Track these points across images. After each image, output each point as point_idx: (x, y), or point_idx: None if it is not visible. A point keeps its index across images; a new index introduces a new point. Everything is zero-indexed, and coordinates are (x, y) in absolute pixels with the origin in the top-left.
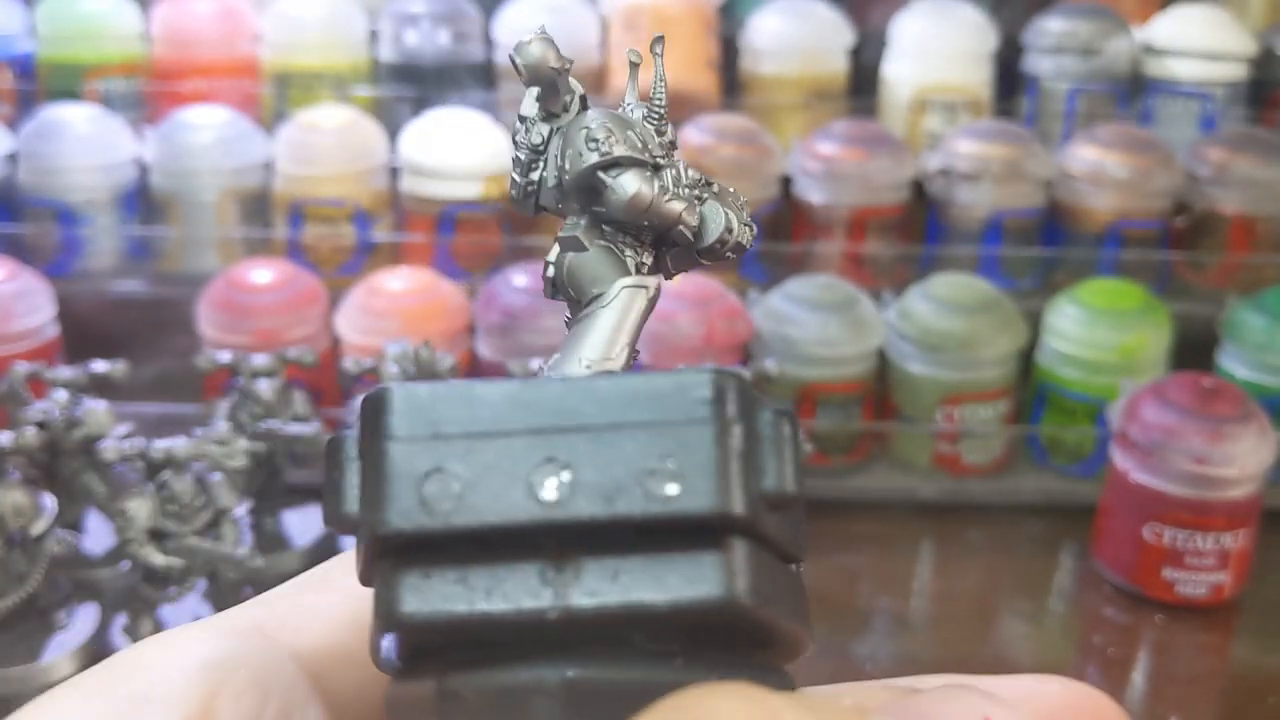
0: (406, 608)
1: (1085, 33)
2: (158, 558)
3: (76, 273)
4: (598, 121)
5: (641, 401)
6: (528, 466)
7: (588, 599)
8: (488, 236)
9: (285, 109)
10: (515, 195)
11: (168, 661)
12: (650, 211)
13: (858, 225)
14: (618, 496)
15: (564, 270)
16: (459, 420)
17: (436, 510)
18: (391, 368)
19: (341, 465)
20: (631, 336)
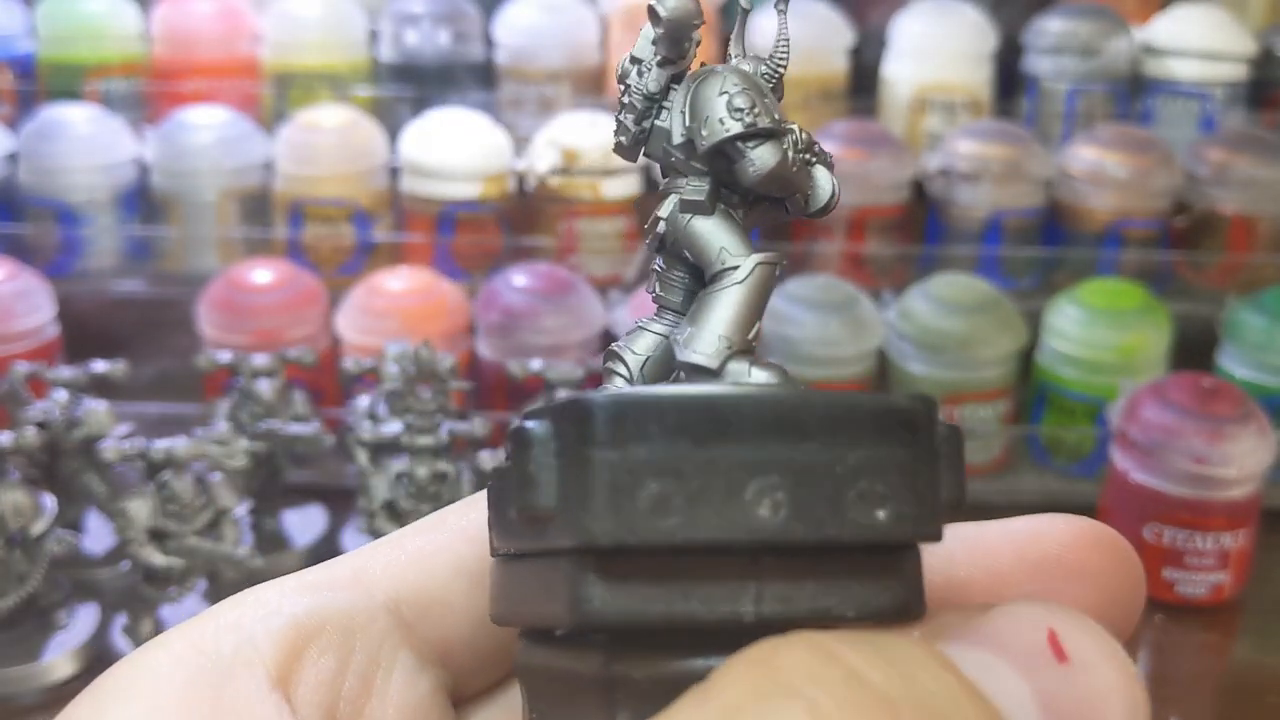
0: (603, 606)
1: (1085, 33)
2: (158, 558)
3: (77, 273)
4: (738, 87)
5: (850, 422)
6: (743, 483)
7: (780, 605)
8: (488, 236)
9: (285, 109)
10: (625, 141)
11: (254, 621)
12: (780, 183)
13: (858, 225)
14: (829, 517)
15: (681, 230)
16: (666, 431)
17: (657, 524)
18: (391, 368)
19: (537, 459)
20: (762, 313)
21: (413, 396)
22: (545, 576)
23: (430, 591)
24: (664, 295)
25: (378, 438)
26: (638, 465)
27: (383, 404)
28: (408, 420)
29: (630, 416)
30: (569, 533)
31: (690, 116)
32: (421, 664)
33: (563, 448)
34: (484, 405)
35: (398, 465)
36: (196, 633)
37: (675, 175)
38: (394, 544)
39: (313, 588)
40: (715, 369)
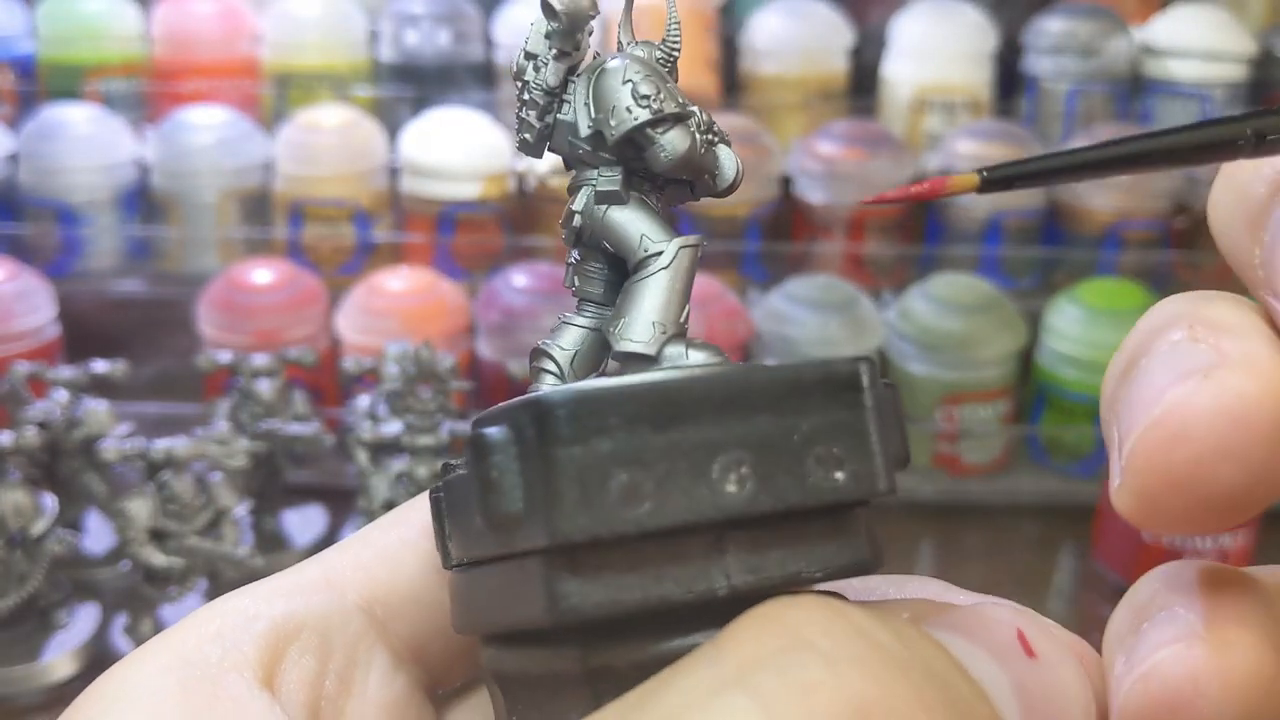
0: (581, 601)
1: (1085, 33)
2: (158, 558)
3: (77, 273)
4: (641, 74)
5: (798, 390)
6: (707, 462)
7: (751, 575)
8: (488, 236)
9: (285, 109)
10: (530, 139)
11: (234, 629)
12: (691, 165)
13: (858, 225)
14: (792, 485)
15: (599, 221)
16: (626, 420)
17: (629, 513)
18: (391, 368)
19: (499, 464)
20: (689, 296)
21: (413, 396)
22: (514, 580)
23: (401, 590)
24: (583, 288)
25: (378, 438)
26: (603, 458)
27: (383, 404)
28: (408, 420)
29: (589, 411)
30: (540, 533)
31: (595, 108)
32: (397, 662)
33: (524, 450)
34: (484, 405)
35: (398, 465)
36: (179, 643)
37: (584, 167)
38: (361, 542)
39: (286, 592)
40: (653, 355)
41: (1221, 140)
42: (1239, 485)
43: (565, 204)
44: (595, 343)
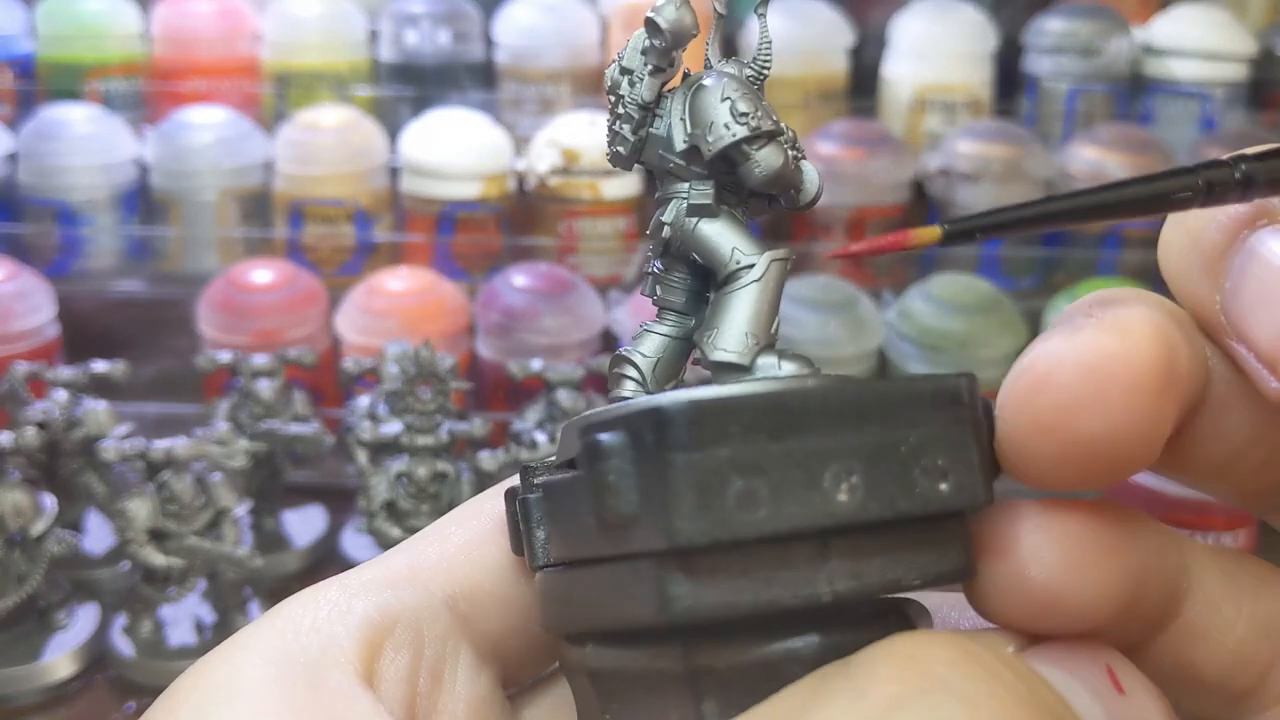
0: (694, 603)
1: (1085, 33)
2: (158, 558)
3: (76, 273)
4: (739, 92)
5: (908, 404)
6: (820, 471)
7: (854, 581)
8: (488, 236)
9: (285, 109)
10: (623, 151)
11: (330, 622)
12: (782, 181)
13: (858, 225)
14: (900, 495)
15: (689, 233)
16: (743, 429)
17: (746, 518)
18: (391, 368)
19: (616, 468)
20: (779, 308)
21: (413, 396)
22: (623, 579)
23: (483, 586)
24: (666, 297)
25: (378, 438)
26: (721, 464)
27: (383, 404)
28: (408, 420)
29: (708, 419)
30: (657, 536)
31: (692, 123)
32: (481, 659)
33: (642, 454)
34: (484, 405)
35: (398, 465)
36: (276, 636)
37: (673, 181)
38: (440, 538)
39: (376, 586)
40: (746, 365)
41: (1173, 192)
42: (1101, 436)
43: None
44: (676, 350)
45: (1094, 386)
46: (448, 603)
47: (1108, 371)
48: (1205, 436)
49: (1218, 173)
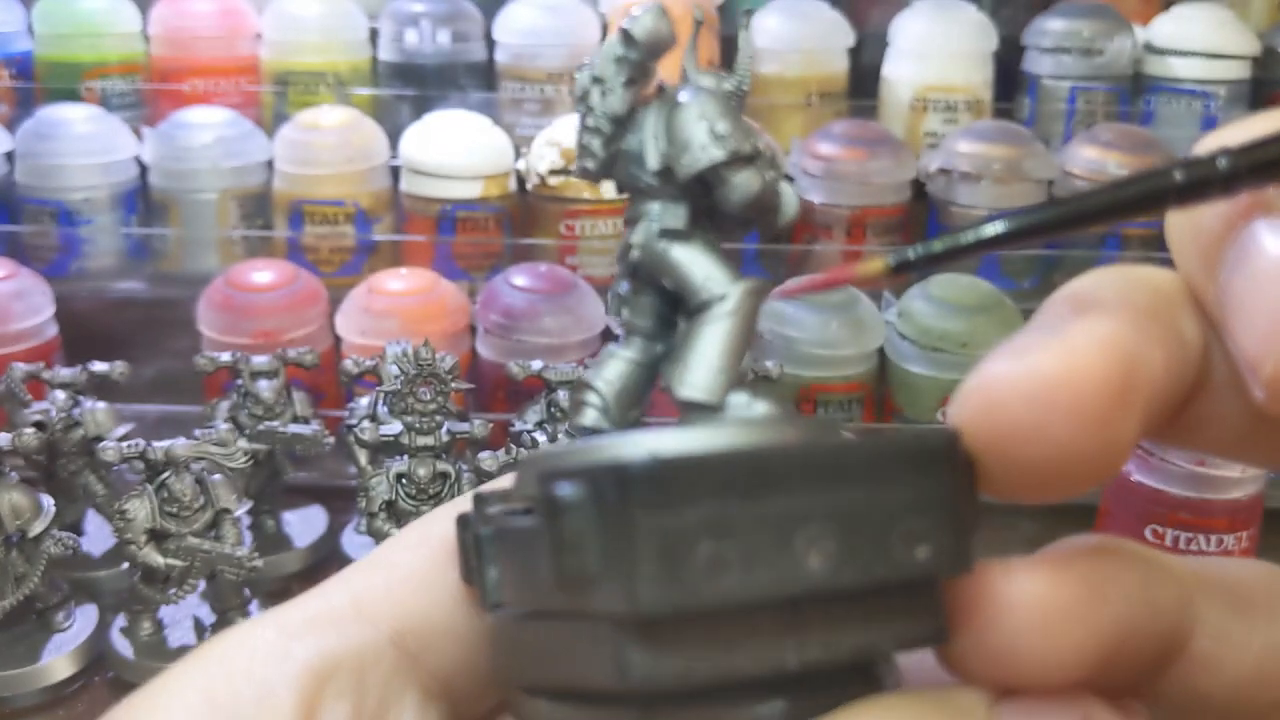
0: (652, 671)
1: (1086, 32)
2: (157, 558)
3: (76, 273)
4: (716, 111)
5: (889, 463)
6: (791, 534)
7: (823, 650)
8: (488, 236)
9: (285, 109)
10: (592, 167)
11: (270, 668)
12: (759, 206)
13: (858, 225)
14: (875, 561)
15: (659, 257)
16: (714, 488)
17: (713, 585)
18: (391, 368)
19: (575, 525)
20: (751, 342)
21: (413, 397)
22: (579, 639)
23: (432, 620)
24: (632, 320)
25: (378, 438)
26: (690, 526)
27: (383, 404)
28: (408, 420)
29: (677, 477)
30: (618, 599)
31: (667, 142)
32: (427, 698)
33: (603, 511)
34: (484, 405)
35: (398, 465)
36: (206, 681)
37: (644, 199)
38: (388, 565)
39: (317, 625)
40: (716, 404)
41: (1146, 196)
42: (1051, 459)
43: (566, 205)
44: (640, 377)
45: (1037, 414)
46: (394, 639)
47: (1049, 401)
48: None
49: (1192, 171)
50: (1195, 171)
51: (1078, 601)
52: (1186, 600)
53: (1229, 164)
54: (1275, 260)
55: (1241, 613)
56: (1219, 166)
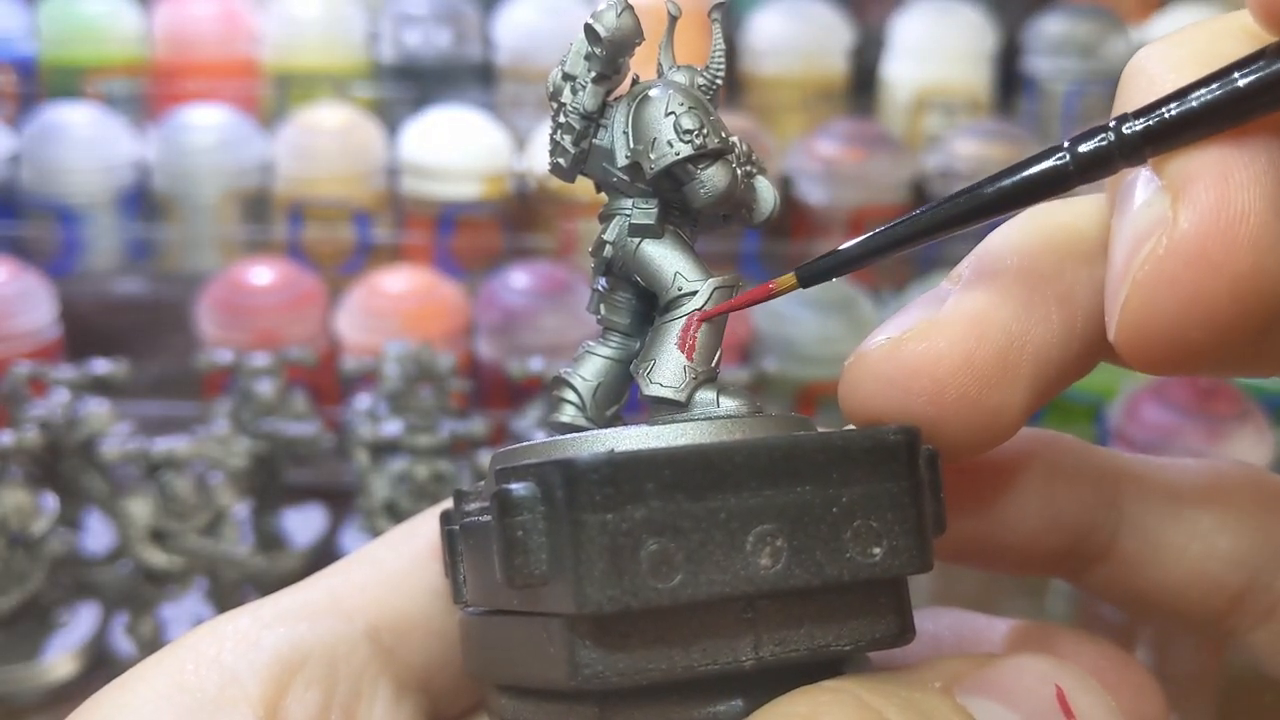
0: (604, 670)
1: (1084, 33)
2: (158, 557)
3: (77, 273)
4: (684, 106)
5: (842, 461)
6: (743, 534)
7: (778, 648)
8: (488, 236)
9: (285, 109)
10: (564, 164)
11: (235, 656)
12: (730, 201)
13: (858, 225)
14: (827, 561)
15: (630, 254)
16: (662, 487)
17: (659, 585)
18: (391, 368)
19: (524, 524)
20: (722, 339)
21: (413, 396)
22: (534, 638)
23: (410, 617)
24: (609, 317)
25: (378, 438)
26: (636, 526)
27: (383, 404)
28: (408, 420)
29: (624, 476)
30: (566, 599)
31: (635, 138)
32: (401, 692)
33: (552, 511)
34: (484, 405)
35: (398, 465)
36: (176, 668)
37: (617, 196)
38: (369, 562)
39: (291, 616)
40: (683, 401)
41: (1047, 176)
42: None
43: (566, 205)
44: (618, 374)
45: (899, 389)
46: (369, 633)
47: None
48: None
49: (1086, 146)
50: (1089, 147)
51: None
52: (1107, 496)
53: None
54: (1137, 209)
55: (1181, 516)
56: (1114, 137)
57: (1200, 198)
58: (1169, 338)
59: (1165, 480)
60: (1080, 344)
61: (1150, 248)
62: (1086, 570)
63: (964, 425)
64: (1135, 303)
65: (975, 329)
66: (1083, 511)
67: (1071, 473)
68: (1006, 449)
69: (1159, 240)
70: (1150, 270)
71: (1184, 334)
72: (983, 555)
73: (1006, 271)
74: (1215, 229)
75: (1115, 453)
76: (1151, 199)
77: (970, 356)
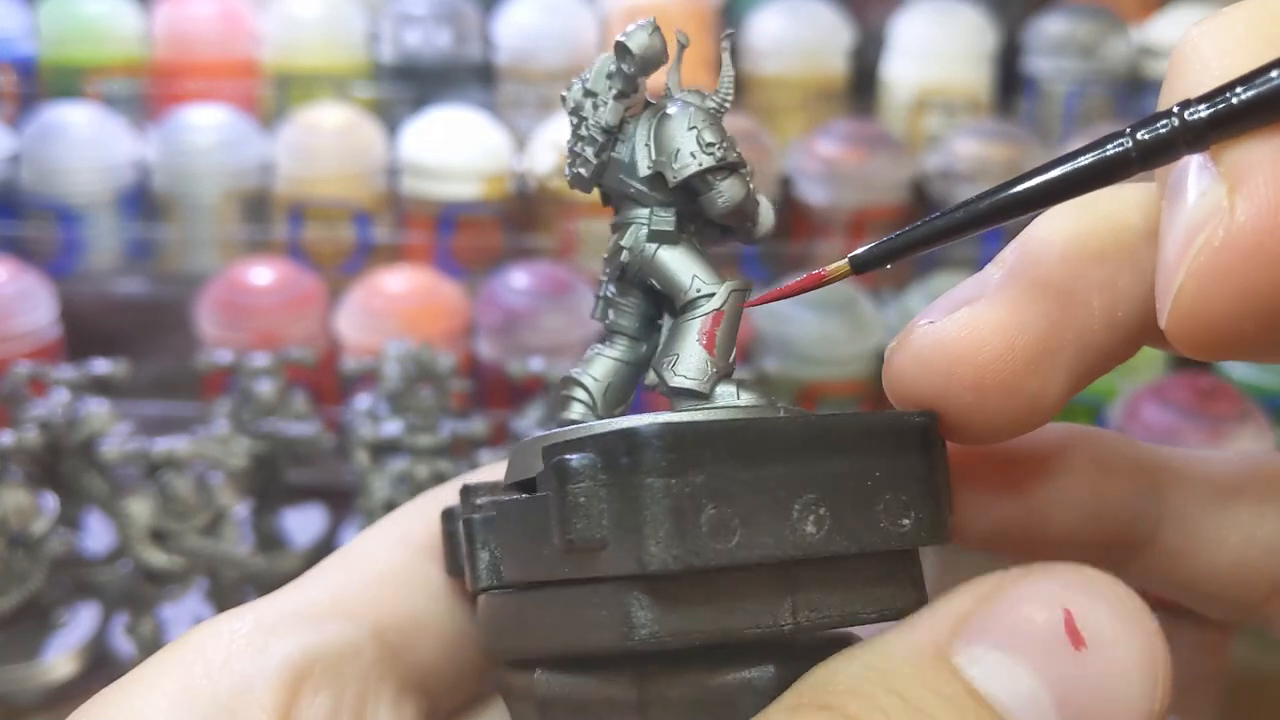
0: (659, 629)
1: (1084, 33)
2: (158, 557)
3: (77, 273)
4: (704, 121)
5: (876, 437)
6: (790, 501)
7: (813, 613)
8: (488, 236)
9: (285, 109)
10: (585, 174)
11: (245, 662)
12: (742, 213)
13: (858, 225)
14: (864, 530)
15: (647, 259)
16: (718, 455)
17: (717, 546)
18: (391, 368)
19: (585, 491)
20: (737, 338)
21: (413, 396)
22: (581, 604)
23: (413, 615)
24: (617, 321)
25: (378, 438)
26: (696, 490)
27: (383, 404)
28: (408, 420)
29: (684, 443)
30: (628, 560)
31: (657, 150)
32: (403, 692)
33: (614, 478)
34: (484, 405)
35: (398, 465)
36: (184, 672)
37: (632, 205)
38: (366, 561)
39: (296, 620)
40: (706, 393)
41: (1110, 163)
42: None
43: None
44: (626, 375)
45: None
46: (374, 635)
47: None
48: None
49: (1150, 131)
50: (1152, 133)
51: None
52: (1148, 489)
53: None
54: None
55: (1220, 506)
56: (1178, 123)
57: (1259, 189)
58: (1222, 328)
59: (1204, 472)
60: (1122, 330)
61: (1205, 238)
62: (1127, 561)
63: (1003, 409)
64: (1189, 293)
65: (1017, 316)
66: (1124, 504)
67: (1113, 466)
68: (1049, 442)
69: (1214, 231)
70: (1205, 261)
71: (1237, 324)
72: (1024, 545)
73: (1050, 258)
74: (1273, 222)
75: (1155, 446)
76: (1208, 188)
77: (1012, 343)
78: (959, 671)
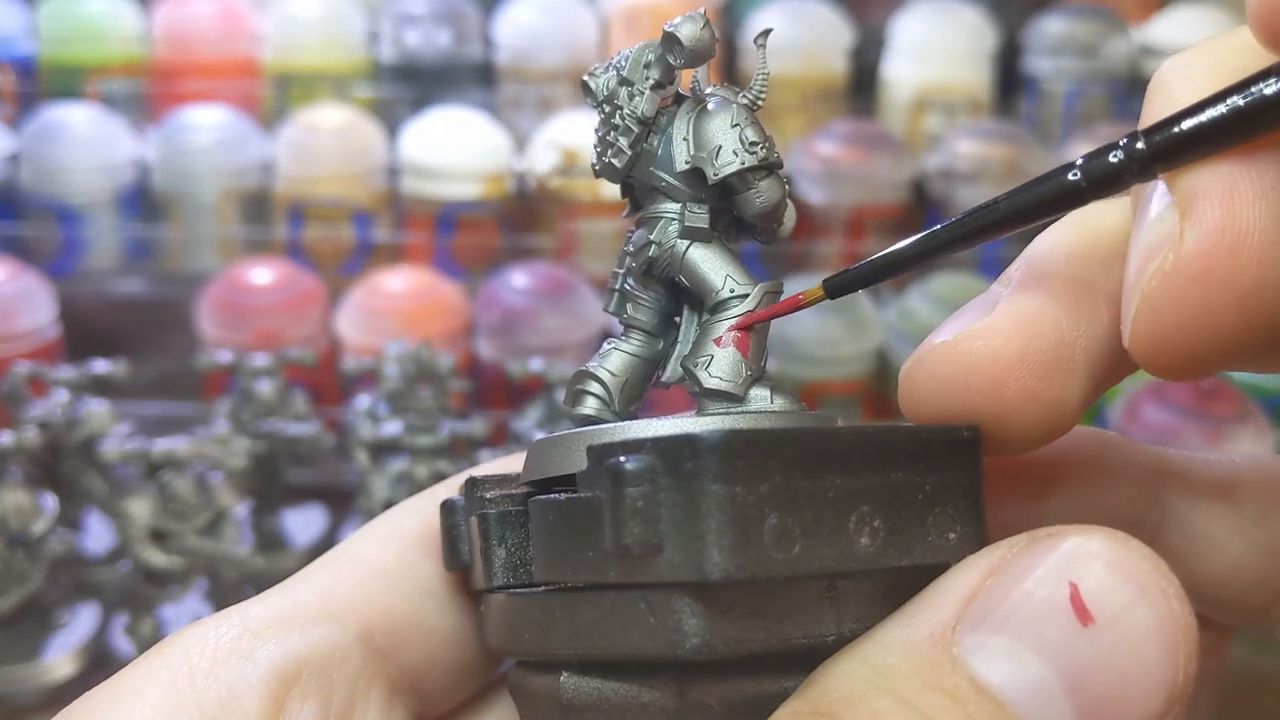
0: (711, 638)
1: (1084, 33)
2: (158, 557)
3: (77, 273)
4: (747, 120)
5: (929, 450)
6: (847, 513)
7: (856, 625)
8: (488, 236)
9: (285, 109)
10: (618, 164)
11: (231, 669)
12: (776, 214)
13: (857, 225)
14: (915, 543)
15: (678, 255)
16: (783, 464)
17: (779, 556)
18: (391, 368)
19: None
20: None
21: (413, 396)
22: (625, 609)
23: (403, 616)
24: (635, 316)
25: (378, 438)
26: (761, 499)
27: (383, 404)
28: (408, 420)
29: (752, 451)
30: (687, 567)
31: (696, 145)
32: (393, 694)
33: (675, 483)
34: (484, 405)
35: (398, 465)
36: (170, 678)
37: (662, 199)
38: (356, 560)
39: (283, 624)
40: (740, 396)
41: (1059, 193)
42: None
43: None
44: (642, 371)
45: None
46: (362, 637)
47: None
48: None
49: (1098, 162)
50: (1097, 165)
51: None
52: (1151, 492)
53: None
54: (1149, 223)
55: (1222, 510)
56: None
57: (1205, 215)
58: (1177, 348)
59: (1208, 476)
60: None
61: (1158, 264)
62: None
63: (1025, 418)
64: (1144, 315)
65: (1029, 326)
66: (1126, 506)
67: (1117, 468)
68: (1054, 446)
69: (1166, 256)
70: (1157, 285)
71: (1189, 345)
72: None
73: (1056, 272)
74: (1220, 246)
75: (1156, 448)
76: (1163, 213)
77: (1025, 352)
78: (960, 662)
